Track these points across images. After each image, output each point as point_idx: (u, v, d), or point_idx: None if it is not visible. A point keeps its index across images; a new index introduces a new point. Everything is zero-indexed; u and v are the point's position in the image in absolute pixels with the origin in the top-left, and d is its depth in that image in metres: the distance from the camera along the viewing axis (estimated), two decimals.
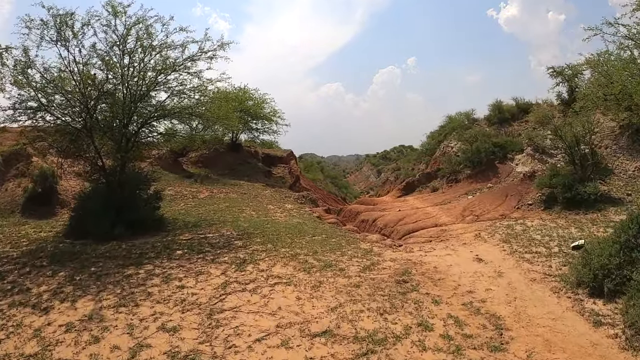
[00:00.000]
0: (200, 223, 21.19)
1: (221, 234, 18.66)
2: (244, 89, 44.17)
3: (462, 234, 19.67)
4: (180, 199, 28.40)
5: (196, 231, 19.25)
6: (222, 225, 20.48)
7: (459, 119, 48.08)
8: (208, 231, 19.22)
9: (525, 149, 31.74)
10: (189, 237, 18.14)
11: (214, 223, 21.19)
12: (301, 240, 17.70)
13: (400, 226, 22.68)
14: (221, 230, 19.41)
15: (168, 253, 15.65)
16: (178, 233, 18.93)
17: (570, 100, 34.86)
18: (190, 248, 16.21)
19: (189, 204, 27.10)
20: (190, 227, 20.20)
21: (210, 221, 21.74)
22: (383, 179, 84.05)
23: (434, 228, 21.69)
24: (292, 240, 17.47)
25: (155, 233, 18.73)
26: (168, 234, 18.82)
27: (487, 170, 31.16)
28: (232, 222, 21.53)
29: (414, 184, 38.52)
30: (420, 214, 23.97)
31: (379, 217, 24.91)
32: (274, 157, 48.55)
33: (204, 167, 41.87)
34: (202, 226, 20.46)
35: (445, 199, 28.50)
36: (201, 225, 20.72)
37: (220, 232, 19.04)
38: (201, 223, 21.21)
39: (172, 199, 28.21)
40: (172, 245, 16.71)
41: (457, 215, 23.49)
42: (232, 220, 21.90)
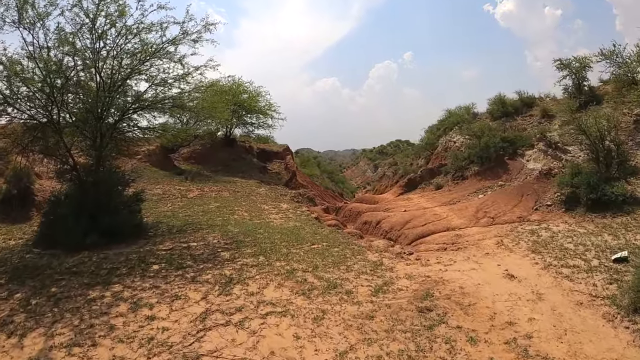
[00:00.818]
0: (185, 228, 18.54)
1: (207, 242, 15.97)
2: (237, 81, 41.42)
3: (480, 241, 17.05)
4: (168, 199, 25.67)
5: (179, 238, 16.58)
6: (209, 231, 17.82)
7: (459, 113, 45.74)
8: (193, 238, 16.53)
9: (537, 145, 29.09)
10: (170, 246, 15.44)
11: (201, 228, 18.53)
12: (299, 249, 15.02)
13: (408, 230, 20.02)
14: (207, 237, 16.72)
15: (143, 268, 12.99)
16: (159, 241, 16.27)
17: (578, 94, 32.85)
18: (169, 262, 13.52)
19: (177, 204, 24.38)
20: (175, 233, 17.58)
21: (197, 225, 19.08)
22: (380, 174, 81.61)
23: (446, 232, 19.07)
24: (288, 251, 14.79)
25: (134, 241, 16.12)
26: (148, 241, 16.20)
27: (497, 167, 28.49)
28: (221, 226, 18.90)
29: (416, 181, 35.80)
30: (429, 216, 21.31)
31: (383, 219, 22.25)
32: (270, 153, 46.01)
33: (197, 163, 39.24)
34: (187, 231, 17.80)
35: (453, 198, 25.83)
36: (186, 230, 18.06)
37: (206, 239, 16.35)
38: (187, 228, 18.57)
39: (159, 199, 25.51)
40: (148, 257, 14.04)
41: (469, 217, 20.84)
42: (221, 224, 19.27)
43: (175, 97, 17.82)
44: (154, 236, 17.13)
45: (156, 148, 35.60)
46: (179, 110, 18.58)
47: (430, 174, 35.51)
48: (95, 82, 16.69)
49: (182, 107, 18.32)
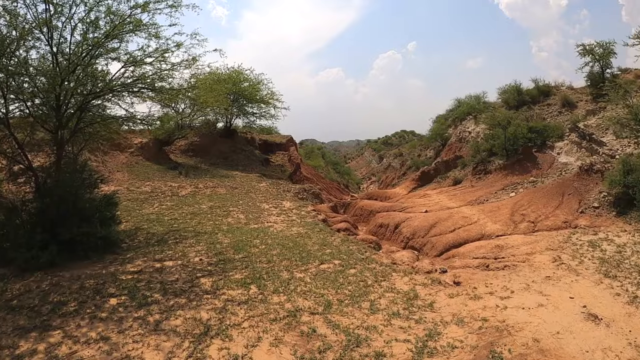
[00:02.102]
0: (167, 237, 14.82)
1: (187, 261, 12.11)
2: (237, 69, 37.50)
3: (531, 256, 13.27)
4: (156, 198, 21.88)
5: (155, 254, 12.79)
6: (194, 242, 14.03)
7: (470, 102, 42.79)
8: (171, 254, 12.71)
9: (569, 136, 25.19)
10: (139, 266, 11.68)
11: (185, 237, 14.77)
12: (304, 273, 11.15)
13: (435, 237, 16.20)
14: (189, 252, 12.87)
15: (96, 304, 9.24)
16: (129, 258, 12.54)
17: (601, 82, 29.15)
18: (131, 293, 9.72)
19: (165, 204, 20.60)
20: (152, 245, 13.89)
21: (182, 233, 15.35)
22: (385, 165, 78.10)
23: (483, 242, 15.28)
24: (289, 275, 10.92)
25: (100, 257, 12.49)
26: (116, 258, 12.49)
27: (524, 160, 24.62)
28: (210, 234, 15.16)
29: (430, 174, 31.98)
30: (457, 218, 17.46)
31: (402, 222, 18.39)
32: (272, 144, 42.26)
33: (195, 156, 35.43)
34: (167, 242, 14.06)
35: (479, 196, 22.01)
36: (167, 240, 14.32)
37: (187, 256, 12.50)
38: (169, 237, 14.84)
39: (146, 198, 21.73)
40: (109, 285, 10.29)
41: (505, 220, 17.03)
42: (210, 231, 15.52)
43: (145, 77, 13.71)
44: (127, 250, 13.44)
45: (149, 141, 31.84)
46: (155, 93, 14.39)
47: (445, 166, 31.67)
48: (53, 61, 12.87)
49: (155, 90, 14.17)
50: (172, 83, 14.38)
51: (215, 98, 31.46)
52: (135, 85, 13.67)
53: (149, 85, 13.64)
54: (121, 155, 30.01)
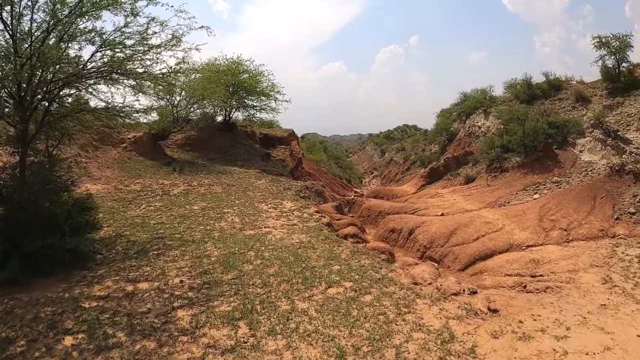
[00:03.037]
0: (149, 247, 12.52)
1: (165, 282, 9.75)
2: (237, 60, 35.05)
3: (574, 274, 11.04)
4: (145, 198, 19.55)
5: (129, 271, 10.49)
6: (178, 255, 11.69)
7: (476, 96, 40.53)
8: (148, 272, 10.37)
9: (592, 132, 22.82)
10: (108, 289, 9.41)
11: (170, 247, 12.45)
12: (308, 301, 8.78)
13: (457, 247, 13.84)
14: (170, 270, 10.51)
15: (48, 344, 7.20)
16: (99, 276, 10.24)
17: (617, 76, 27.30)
18: (91, 329, 7.55)
19: (154, 205, 18.28)
20: (130, 258, 11.60)
21: (167, 242, 13.05)
22: (387, 159, 75.78)
23: (513, 254, 13.02)
24: (290, 304, 8.56)
25: (67, 274, 10.30)
26: (85, 276, 10.25)
27: (545, 158, 22.26)
28: (199, 243, 12.83)
29: (439, 171, 29.62)
30: (479, 224, 15.11)
31: (417, 227, 16.00)
32: (274, 138, 39.80)
33: (192, 150, 33.05)
34: (147, 255, 11.75)
35: (498, 197, 19.66)
36: (148, 252, 12.02)
37: (167, 275, 10.15)
38: (151, 246, 12.55)
39: (134, 197, 19.43)
40: (67, 315, 8.15)
41: (534, 227, 14.72)
42: (199, 240, 13.19)
43: (117, 61, 11.14)
44: (100, 264, 11.20)
45: (144, 135, 29.48)
46: (130, 79, 11.81)
47: (456, 162, 29.32)
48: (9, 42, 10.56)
49: (127, 75, 11.59)
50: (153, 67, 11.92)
51: (212, 89, 29.35)
52: (104, 71, 11.18)
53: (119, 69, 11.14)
54: (113, 151, 27.70)
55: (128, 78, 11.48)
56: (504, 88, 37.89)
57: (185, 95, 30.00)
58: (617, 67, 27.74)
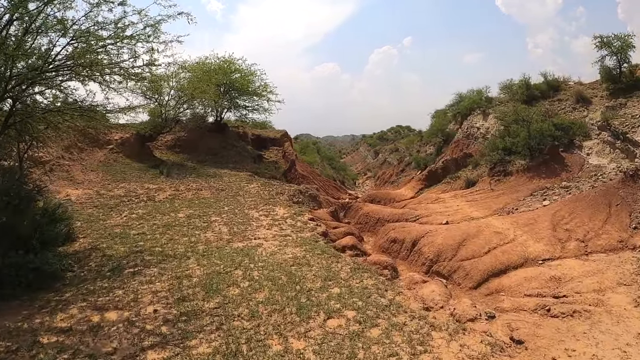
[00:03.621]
0: (125, 263, 11.00)
1: (136, 311, 8.20)
2: (228, 59, 33.53)
3: (601, 294, 9.72)
4: (128, 204, 18.02)
5: (99, 296, 8.97)
6: (156, 274, 10.18)
7: (472, 97, 39.34)
8: (119, 298, 8.84)
9: (599, 134, 21.50)
10: (72, 319, 7.92)
11: (148, 263, 10.97)
12: (304, 338, 7.22)
13: (467, 261, 12.38)
14: (145, 295, 8.97)
15: None
16: (65, 301, 8.73)
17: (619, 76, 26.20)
18: None
19: (136, 212, 16.75)
20: (104, 276, 10.12)
21: (146, 257, 11.53)
22: (381, 160, 74.60)
23: (531, 269, 11.59)
24: (283, 343, 7.00)
25: (31, 297, 8.87)
26: (50, 300, 8.75)
27: (552, 162, 20.89)
28: (181, 258, 11.33)
29: (437, 173, 28.21)
30: (488, 235, 13.67)
31: (421, 237, 14.51)
32: (266, 139, 38.36)
33: (182, 152, 31.48)
34: (122, 274, 10.26)
35: (505, 202, 18.27)
36: (123, 270, 10.52)
37: (140, 302, 8.61)
38: (127, 262, 11.06)
39: (116, 204, 17.88)
40: (22, 353, 6.73)
41: (549, 238, 13.31)
42: (182, 254, 11.70)
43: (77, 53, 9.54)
44: (69, 284, 9.70)
45: (131, 136, 27.94)
46: (93, 72, 10.20)
47: (455, 165, 27.91)
48: None
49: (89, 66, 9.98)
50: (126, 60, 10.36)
51: (201, 89, 27.88)
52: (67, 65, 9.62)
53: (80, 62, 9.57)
54: (99, 152, 26.13)
55: (93, 72, 9.91)
56: (500, 89, 37.15)
57: (174, 95, 28.49)
58: (618, 68, 26.58)
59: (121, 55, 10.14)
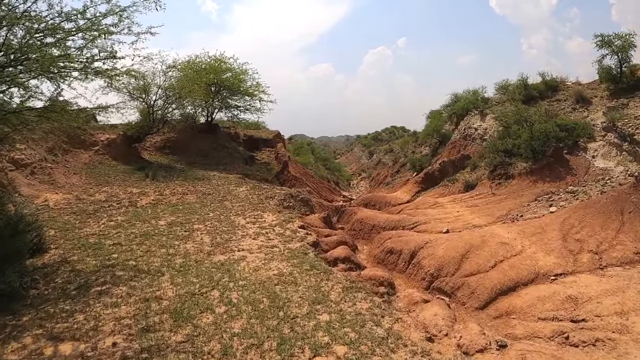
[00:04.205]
0: (93, 280, 9.74)
1: (94, 343, 6.93)
2: (219, 57, 32.24)
3: (624, 318, 8.59)
4: (107, 210, 16.72)
5: (57, 321, 7.74)
6: (124, 294, 8.93)
7: (468, 97, 38.48)
8: (79, 325, 7.59)
9: (605, 136, 20.32)
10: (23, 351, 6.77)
11: (119, 280, 9.71)
12: None
13: (472, 277, 11.10)
14: (107, 322, 7.69)
15: None
16: (21, 327, 7.54)
17: (619, 76, 25.16)
18: None
19: (115, 219, 15.46)
20: (68, 295, 8.92)
21: (117, 272, 10.26)
22: (375, 161, 73.39)
23: (544, 287, 10.36)
24: None
25: None
26: (6, 325, 7.60)
27: (556, 164, 19.68)
28: (153, 276, 10.01)
29: (434, 176, 26.95)
30: (494, 246, 12.42)
31: (420, 248, 13.23)
32: (258, 140, 37.06)
33: (171, 153, 30.18)
34: (88, 293, 9.04)
35: (509, 208, 17.02)
36: (90, 288, 9.28)
37: (100, 331, 7.33)
38: (96, 279, 9.79)
39: (95, 209, 16.57)
40: None
41: (559, 249, 12.10)
42: (155, 270, 10.40)
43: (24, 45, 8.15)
44: (29, 305, 8.48)
45: (117, 137, 26.64)
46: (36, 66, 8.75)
47: (453, 167, 26.67)
48: None
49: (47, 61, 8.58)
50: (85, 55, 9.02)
51: (189, 88, 26.66)
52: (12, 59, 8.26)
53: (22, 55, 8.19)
54: (85, 154, 24.84)
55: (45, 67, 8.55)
56: (496, 89, 36.32)
57: (162, 95, 27.15)
58: (619, 68, 25.48)
59: (88, 51, 8.83)
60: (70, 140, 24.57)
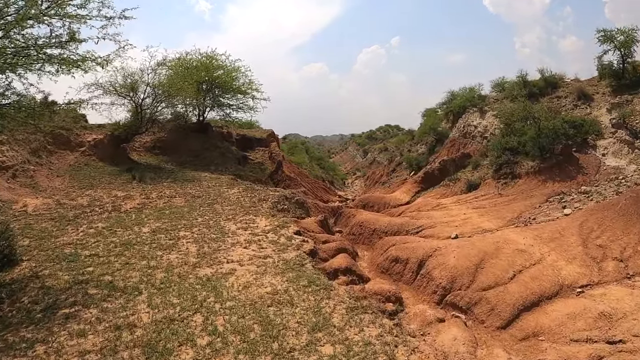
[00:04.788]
0: (62, 300, 8.51)
1: None
2: (211, 55, 30.82)
3: None
4: (89, 215, 15.39)
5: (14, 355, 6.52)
6: (93, 320, 7.64)
7: (465, 94, 37.42)
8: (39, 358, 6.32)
9: (615, 133, 19.12)
10: None
11: (90, 300, 8.44)
12: None
13: (490, 291, 9.78)
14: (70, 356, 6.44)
15: None
16: None
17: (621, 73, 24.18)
18: None
19: (96, 225, 14.13)
20: (33, 318, 7.77)
21: (90, 290, 9.00)
22: (370, 159, 72.08)
23: (572, 301, 9.10)
24: None
25: None
26: None
27: (565, 163, 18.43)
28: (129, 296, 8.71)
29: (434, 175, 25.66)
30: (510, 253, 11.12)
31: (429, 257, 11.87)
32: (252, 139, 35.65)
33: (162, 154, 28.73)
34: (54, 317, 7.80)
35: (520, 211, 15.74)
36: (57, 310, 8.05)
37: None
38: (66, 299, 8.56)
39: (76, 215, 15.27)
40: None
41: (581, 257, 10.86)
42: (133, 288, 9.11)
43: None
44: None
45: (104, 137, 25.18)
46: None
47: (454, 166, 25.41)
48: None
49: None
50: None
51: (178, 86, 25.32)
52: None
53: None
54: (70, 156, 23.39)
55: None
56: (492, 87, 35.71)
57: (151, 93, 25.70)
58: (622, 63, 24.40)
59: None
60: (56, 141, 23.23)
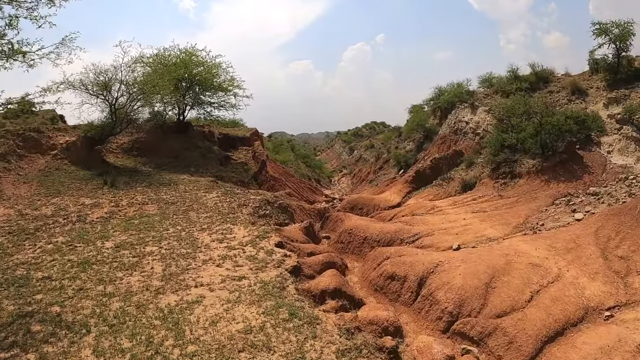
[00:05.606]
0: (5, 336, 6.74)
1: None
2: (190, 51, 28.95)
3: None
4: (50, 228, 13.71)
5: None
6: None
7: (453, 90, 36.05)
8: None
9: (620, 129, 17.70)
10: None
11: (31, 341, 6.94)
12: None
13: (506, 318, 8.26)
14: None
15: None
16: None
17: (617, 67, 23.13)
18: None
19: (55, 240, 12.48)
20: None
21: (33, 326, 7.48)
22: (356, 157, 70.52)
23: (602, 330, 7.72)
24: None
25: None
26: None
27: (569, 161, 16.96)
28: (75, 335, 7.19)
29: (426, 174, 24.06)
30: (523, 268, 9.59)
31: (430, 274, 10.22)
32: (235, 139, 33.84)
33: (140, 155, 26.83)
34: None
35: (525, 215, 14.21)
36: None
37: None
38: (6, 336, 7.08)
39: (37, 228, 13.68)
40: None
41: (603, 271, 9.45)
42: (80, 326, 7.56)
43: None
44: None
45: (77, 139, 23.30)
46: None
47: (447, 164, 23.89)
48: None
49: None
50: None
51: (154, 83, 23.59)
52: None
53: None
54: (41, 159, 21.51)
55: None
56: (479, 82, 34.49)
57: (125, 91, 23.79)
58: (617, 57, 23.25)
59: None
60: (26, 145, 21.44)
